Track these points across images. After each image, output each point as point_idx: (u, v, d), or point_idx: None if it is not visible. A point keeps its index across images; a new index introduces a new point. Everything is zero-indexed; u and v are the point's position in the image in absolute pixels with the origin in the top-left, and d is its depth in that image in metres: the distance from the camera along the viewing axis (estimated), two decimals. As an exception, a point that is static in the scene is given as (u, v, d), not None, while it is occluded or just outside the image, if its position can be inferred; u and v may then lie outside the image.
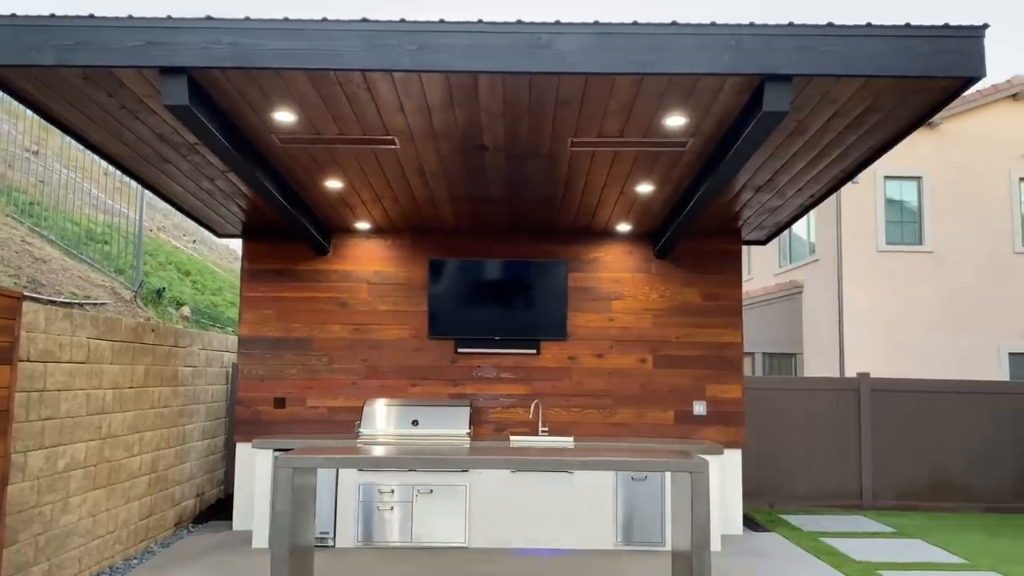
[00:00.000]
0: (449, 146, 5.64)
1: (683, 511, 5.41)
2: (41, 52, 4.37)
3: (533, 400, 7.96)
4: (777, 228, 7.92)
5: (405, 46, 4.41)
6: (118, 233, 12.16)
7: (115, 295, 9.09)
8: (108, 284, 9.31)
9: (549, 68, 4.40)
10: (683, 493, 5.42)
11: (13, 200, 9.85)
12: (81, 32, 4.39)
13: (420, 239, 8.14)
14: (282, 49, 4.41)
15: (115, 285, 9.53)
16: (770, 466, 9.56)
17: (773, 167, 6.02)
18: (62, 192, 10.63)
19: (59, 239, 9.96)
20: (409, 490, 7.16)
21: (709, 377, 8.01)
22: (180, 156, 5.95)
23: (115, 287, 9.41)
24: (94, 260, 10.03)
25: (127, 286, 9.72)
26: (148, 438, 7.19)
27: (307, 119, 5.17)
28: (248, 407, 8.02)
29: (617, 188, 6.61)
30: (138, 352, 7.01)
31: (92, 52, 4.38)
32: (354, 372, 8.02)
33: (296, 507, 5.45)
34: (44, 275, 7.94)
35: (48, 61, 4.37)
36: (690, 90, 4.66)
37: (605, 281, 8.09)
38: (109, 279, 9.71)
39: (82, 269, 9.46)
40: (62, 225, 10.41)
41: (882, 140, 5.43)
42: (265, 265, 8.14)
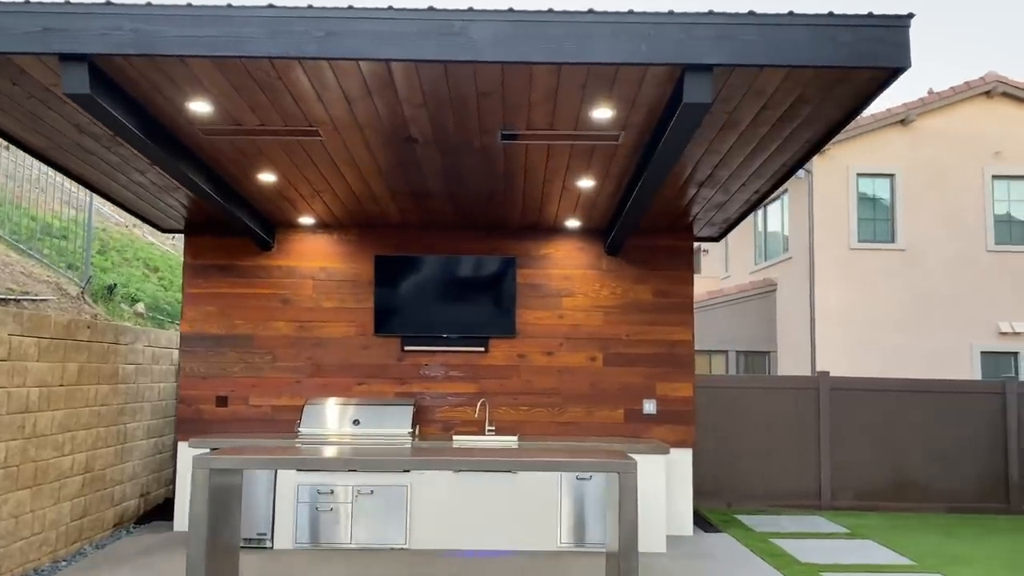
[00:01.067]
0: (377, 138, 5.49)
1: (615, 512, 5.29)
2: (-68, 37, 4.20)
3: (481, 399, 7.82)
4: (727, 224, 7.80)
5: (312, 33, 4.26)
6: (83, 229, 11.97)
7: (60, 291, 8.91)
8: (54, 280, 9.13)
9: (462, 56, 4.26)
10: (615, 493, 5.30)
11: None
12: (-25, 17, 4.23)
13: (367, 235, 7.99)
14: (185, 36, 4.25)
15: (62, 281, 9.35)
16: (728, 465, 9.45)
17: (712, 162, 5.89)
18: (27, 187, 10.41)
19: (9, 234, 9.77)
20: (349, 491, 7.01)
21: (660, 375, 7.89)
22: (104, 148, 5.78)
23: (62, 283, 9.23)
24: (44, 256, 9.85)
25: (76, 282, 9.54)
26: (82, 437, 7.01)
27: (224, 109, 5.02)
28: (190, 406, 7.86)
29: (558, 183, 6.47)
30: (70, 349, 6.83)
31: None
32: (298, 370, 7.87)
33: (217, 508, 5.30)
34: (-20, 270, 7.77)
35: (-61, 47, 4.20)
36: (611, 81, 4.52)
37: (555, 278, 7.96)
38: (57, 275, 9.53)
39: (28, 264, 9.27)
40: (17, 220, 10.23)
41: (818, 133, 5.31)
42: (208, 261, 7.97)
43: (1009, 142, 15.99)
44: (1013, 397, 9.61)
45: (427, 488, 7.03)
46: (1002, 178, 16.05)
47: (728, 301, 18.08)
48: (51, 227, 11.15)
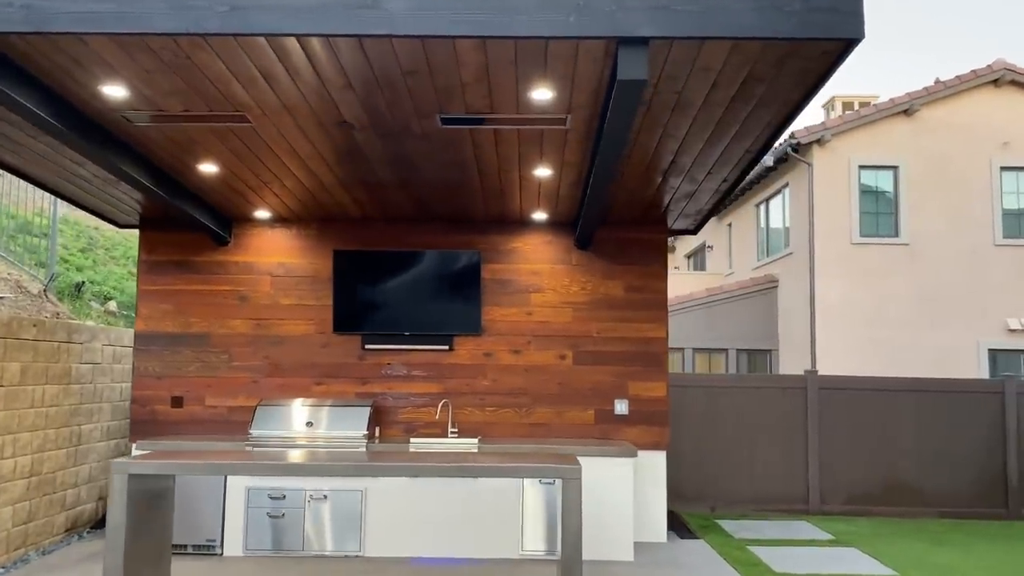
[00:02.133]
0: (310, 123, 5.18)
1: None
2: None
3: (444, 400, 7.50)
4: (701, 215, 7.44)
5: (215, 7, 3.95)
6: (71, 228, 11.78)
7: (20, 289, 8.69)
8: (14, 277, 8.91)
9: (376, 30, 3.93)
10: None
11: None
12: None
13: (326, 229, 7.69)
14: (80, 12, 3.95)
15: (25, 279, 9.13)
16: (712, 468, 9.08)
17: (670, 148, 5.54)
18: (10, 186, 10.16)
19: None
20: (301, 495, 6.72)
21: (632, 375, 7.54)
22: (30, 138, 5.51)
23: (24, 281, 9.01)
24: (10, 253, 9.63)
25: (41, 280, 9.32)
26: (25, 439, 6.76)
27: (140, 94, 4.72)
28: (144, 406, 7.60)
29: (514, 172, 6.14)
30: (11, 348, 6.58)
31: None
32: (255, 370, 7.58)
33: (145, 513, 5.02)
34: (-70, 267, 7.54)
35: None
36: (543, 57, 4.18)
37: (523, 273, 7.63)
38: (21, 272, 9.31)
39: (-10, 262, 9.06)
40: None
41: (778, 115, 4.94)
42: (163, 256, 7.71)
43: (1018, 132, 15.46)
44: (1012, 397, 9.17)
45: (383, 493, 6.72)
46: (1011, 170, 15.52)
47: (729, 298, 17.64)
48: (31, 225, 10.95)
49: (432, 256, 7.46)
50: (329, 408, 7.08)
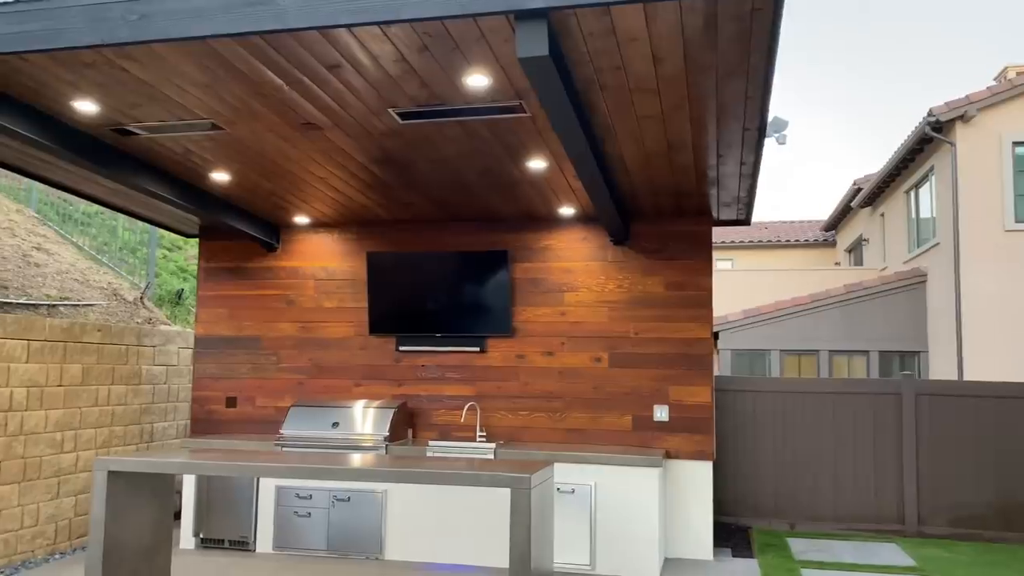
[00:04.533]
0: (278, 126, 5.22)
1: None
2: None
3: (480, 401, 7.33)
4: (741, 203, 6.79)
5: (127, 17, 4.05)
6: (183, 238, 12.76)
7: (116, 296, 9.43)
8: (113, 286, 9.69)
9: (268, 26, 3.87)
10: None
11: (70, 214, 10.61)
12: None
13: (363, 232, 7.76)
14: (15, 32, 4.18)
15: (124, 287, 9.91)
16: (792, 481, 8.28)
17: (656, 131, 5.09)
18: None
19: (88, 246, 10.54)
20: (326, 496, 6.80)
21: (673, 378, 7.01)
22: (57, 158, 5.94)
23: (121, 288, 9.79)
24: (118, 264, 10.52)
25: (138, 287, 10.09)
26: (88, 435, 7.30)
27: (108, 107, 4.95)
28: (203, 406, 7.99)
29: (510, 166, 5.89)
30: (73, 351, 7.14)
31: None
32: (301, 371, 7.78)
33: (133, 509, 5.25)
34: (28, 278, 8.34)
35: None
36: (451, 41, 3.95)
37: (556, 271, 7.31)
38: (120, 280, 10.13)
39: (101, 272, 9.92)
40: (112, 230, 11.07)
41: (753, 85, 4.39)
42: (219, 264, 8.09)
43: None
44: None
45: (403, 497, 6.66)
46: None
47: (869, 295, 16.13)
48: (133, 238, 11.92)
49: (460, 257, 7.32)
50: (356, 410, 7.12)
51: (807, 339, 16.07)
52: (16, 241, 9.26)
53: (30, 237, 9.75)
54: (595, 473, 6.37)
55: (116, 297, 9.45)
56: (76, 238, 10.87)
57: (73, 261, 9.83)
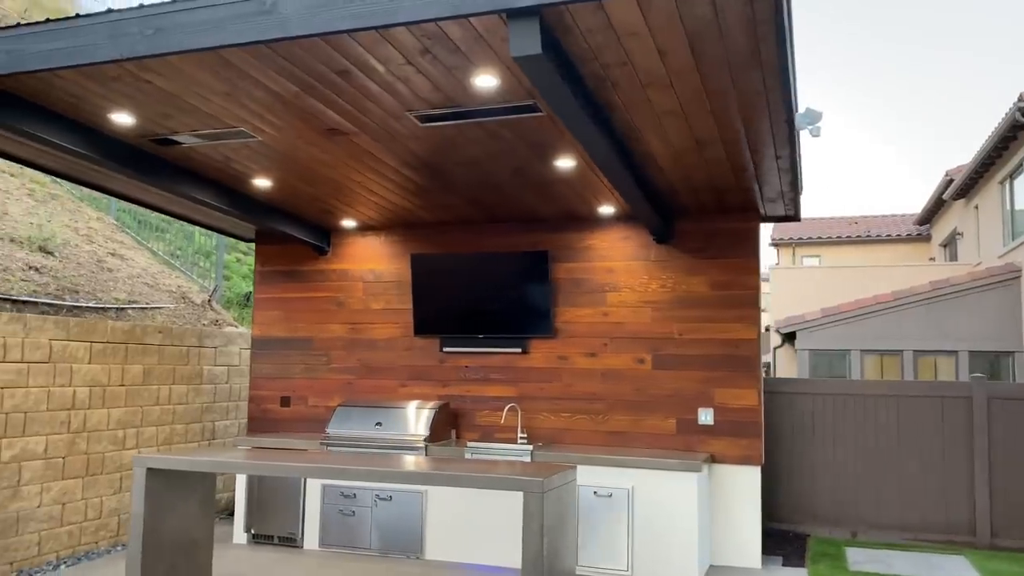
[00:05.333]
0: (305, 132, 5.32)
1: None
2: None
3: (511, 404, 7.30)
4: (786, 198, 6.52)
5: (144, 31, 4.20)
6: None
7: (183, 299, 9.83)
8: (182, 289, 10.10)
9: (272, 35, 3.95)
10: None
11: (148, 220, 11.17)
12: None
13: (408, 235, 7.84)
14: (45, 50, 4.40)
15: (193, 290, 10.31)
16: (852, 487, 7.92)
17: (678, 126, 4.95)
18: None
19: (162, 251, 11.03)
20: (369, 495, 6.90)
21: (718, 380, 6.81)
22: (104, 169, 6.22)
23: (190, 291, 10.19)
24: (189, 269, 10.96)
25: (207, 290, 10.49)
26: (150, 433, 7.63)
27: (143, 118, 5.15)
28: (259, 405, 8.24)
29: (539, 166, 5.84)
30: (134, 352, 7.47)
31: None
32: (350, 371, 7.92)
33: (172, 506, 5.46)
34: (100, 282, 8.78)
35: None
36: (451, 42, 3.94)
37: (598, 271, 7.21)
38: (190, 284, 10.55)
39: (162, 273, 10.36)
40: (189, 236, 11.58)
41: (770, 76, 4.22)
42: (274, 267, 8.32)
43: None
44: None
45: (442, 498, 6.70)
46: None
47: (958, 293, 15.26)
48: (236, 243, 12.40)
49: (501, 257, 7.31)
50: (398, 410, 7.20)
51: (890, 339, 15.34)
52: (93, 248, 9.77)
53: (107, 244, 10.27)
54: (633, 477, 6.25)
55: (184, 300, 9.85)
56: (152, 244, 11.39)
57: (146, 266, 10.29)
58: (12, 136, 5.33)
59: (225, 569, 6.44)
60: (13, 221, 8.92)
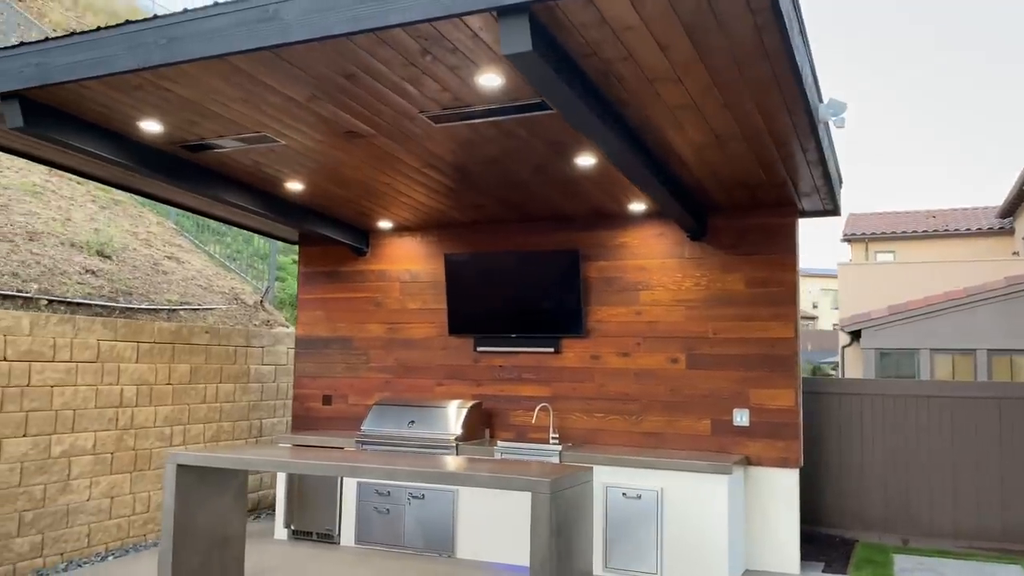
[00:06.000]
0: (325, 135, 5.41)
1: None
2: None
3: (542, 404, 7.26)
4: (823, 192, 6.30)
5: (158, 41, 4.34)
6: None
7: (236, 300, 10.11)
8: (235, 290, 10.39)
9: (274, 40, 4.02)
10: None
11: (207, 224, 11.56)
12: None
13: (442, 235, 7.89)
14: (70, 63, 4.59)
15: (246, 291, 10.61)
16: (903, 492, 7.61)
17: (696, 122, 4.85)
18: None
19: (219, 254, 11.38)
20: (403, 493, 6.97)
21: (754, 380, 6.63)
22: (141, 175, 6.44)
23: (244, 293, 10.48)
24: (241, 270, 11.28)
25: (260, 291, 10.77)
26: (197, 430, 7.88)
27: (170, 125, 5.31)
28: (302, 403, 8.42)
29: (559, 164, 5.80)
30: (181, 352, 7.72)
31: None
32: (388, 371, 8.02)
33: (203, 501, 5.63)
34: (154, 285, 9.10)
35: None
36: (448, 42, 3.95)
37: (630, 269, 7.11)
38: (244, 285, 10.84)
39: (217, 275, 10.68)
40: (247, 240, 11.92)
41: (780, 67, 4.09)
42: (316, 268, 8.49)
43: None
44: None
45: (472, 497, 6.72)
46: None
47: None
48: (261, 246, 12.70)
49: (531, 256, 7.28)
50: (431, 409, 7.24)
51: (962, 337, 14.67)
52: (150, 251, 10.14)
53: (165, 247, 10.65)
54: (662, 479, 6.14)
55: (237, 301, 10.13)
56: (211, 247, 11.77)
57: (201, 268, 10.63)
58: (51, 146, 5.58)
59: (260, 564, 6.59)
60: (75, 226, 9.33)
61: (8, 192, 9.21)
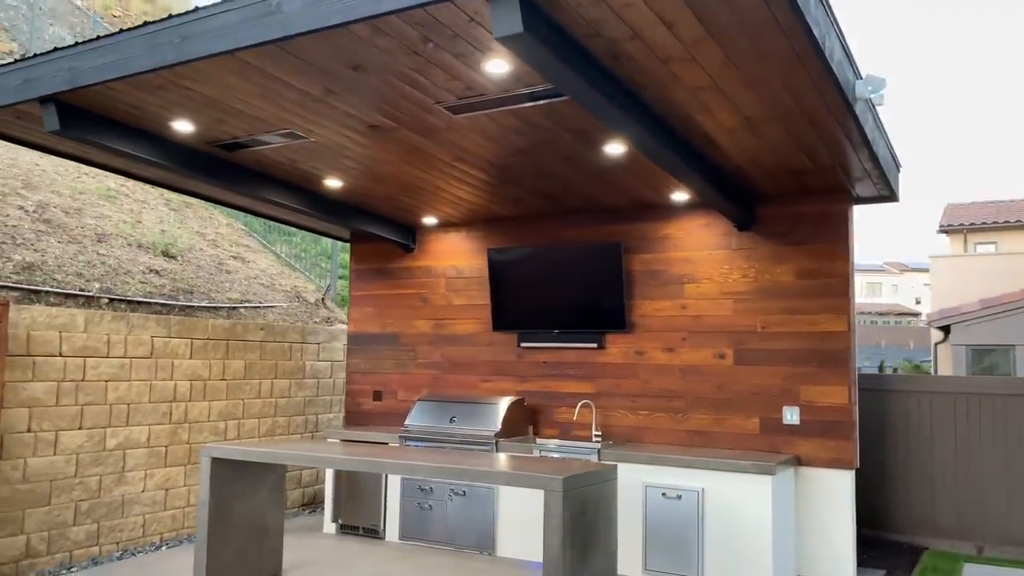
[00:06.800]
0: (349, 130, 5.41)
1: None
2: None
3: (598, 400, 7.09)
4: (872, 177, 5.92)
5: (173, 40, 4.42)
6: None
7: (297, 298, 10.31)
8: (298, 288, 10.60)
9: (280, 34, 4.02)
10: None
11: (276, 224, 11.86)
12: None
13: (486, 230, 7.81)
14: (96, 66, 4.73)
15: (309, 289, 10.81)
16: (979, 498, 7.10)
17: (720, 104, 4.61)
18: None
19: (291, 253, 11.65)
20: (445, 490, 6.93)
21: (804, 377, 6.30)
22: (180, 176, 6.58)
23: (306, 291, 10.68)
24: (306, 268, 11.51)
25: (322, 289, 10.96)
26: (251, 424, 8.06)
27: (200, 124, 5.41)
28: (354, 399, 8.50)
29: (591, 152, 5.63)
30: (235, 348, 7.91)
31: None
32: (435, 366, 8.00)
33: (240, 494, 5.73)
34: (216, 284, 9.37)
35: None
36: (446, 28, 3.86)
37: (675, 261, 6.86)
38: (307, 283, 11.06)
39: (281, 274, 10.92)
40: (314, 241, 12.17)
41: (800, 44, 3.83)
42: (367, 265, 8.55)
43: None
44: None
45: (511, 496, 6.62)
46: None
47: None
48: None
49: (572, 251, 7.11)
50: (473, 405, 7.18)
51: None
52: (216, 252, 10.45)
53: (231, 248, 10.96)
54: (703, 478, 5.90)
55: (298, 299, 10.34)
56: (278, 246, 12.06)
57: (266, 267, 10.90)
58: (94, 148, 5.77)
59: (301, 557, 6.67)
60: (144, 228, 9.70)
61: (83, 196, 9.65)
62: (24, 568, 6.08)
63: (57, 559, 6.30)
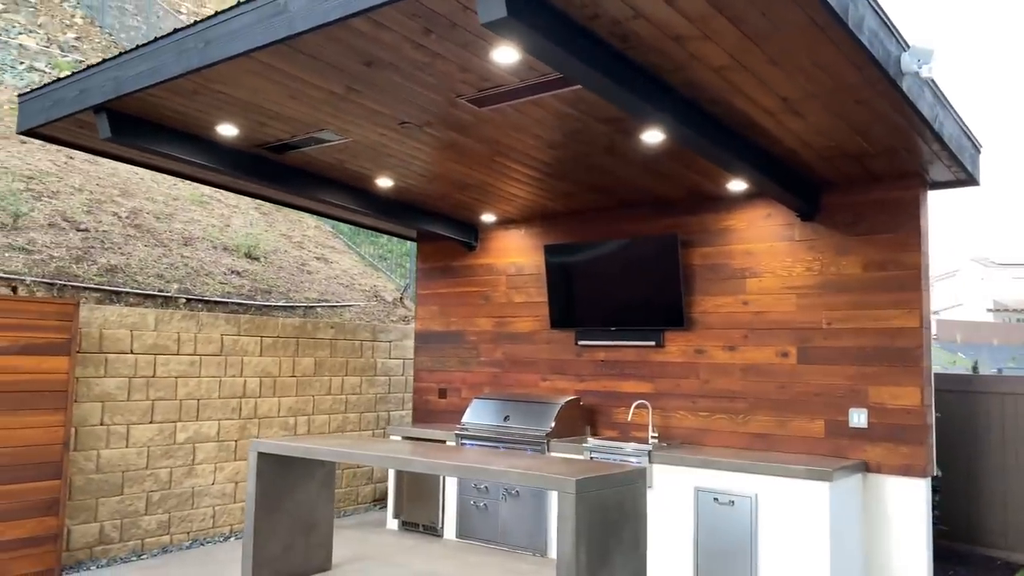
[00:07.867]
0: (383, 127, 5.42)
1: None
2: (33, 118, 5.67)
3: (658, 400, 6.83)
4: (942, 159, 5.40)
5: (197, 45, 4.55)
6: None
7: (375, 297, 10.50)
8: (377, 288, 10.79)
9: (286, 32, 4.07)
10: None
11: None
12: (57, 92, 5.54)
13: (544, 227, 7.68)
14: (136, 73, 4.93)
15: (388, 288, 10.98)
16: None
17: (751, 85, 4.33)
18: None
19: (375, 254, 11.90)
20: (499, 489, 6.86)
21: (873, 376, 5.84)
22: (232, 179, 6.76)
23: (384, 290, 10.86)
24: (388, 269, 11.71)
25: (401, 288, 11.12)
26: (321, 420, 8.24)
27: (243, 127, 5.56)
28: (421, 396, 8.55)
29: (630, 142, 5.42)
30: (306, 346, 8.11)
31: (59, 107, 5.52)
32: (496, 364, 7.94)
33: (288, 488, 5.85)
34: (296, 284, 9.65)
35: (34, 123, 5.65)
36: (440, 17, 3.79)
37: (736, 255, 6.52)
38: (386, 282, 11.24)
39: (362, 274, 11.14)
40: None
41: (819, 16, 3.54)
42: (432, 264, 8.59)
43: None
44: None
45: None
46: None
47: None
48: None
49: (626, 245, 6.88)
50: (528, 404, 7.07)
51: None
52: (300, 253, 10.78)
53: (316, 249, 11.28)
54: (757, 484, 5.57)
55: (377, 298, 10.52)
56: (363, 247, 12.32)
57: (348, 268, 11.16)
58: (146, 153, 6.04)
59: (354, 552, 6.75)
60: (231, 232, 10.12)
61: (177, 202, 10.16)
62: (98, 554, 6.42)
63: (129, 546, 6.63)
